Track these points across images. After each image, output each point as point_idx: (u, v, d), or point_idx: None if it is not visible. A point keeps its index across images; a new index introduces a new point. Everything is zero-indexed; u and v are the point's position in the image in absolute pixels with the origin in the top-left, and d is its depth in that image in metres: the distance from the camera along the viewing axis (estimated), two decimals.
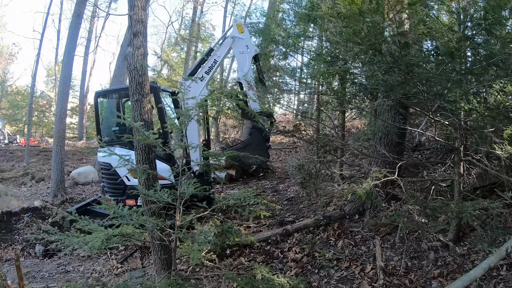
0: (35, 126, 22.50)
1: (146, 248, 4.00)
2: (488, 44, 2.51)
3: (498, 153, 2.93)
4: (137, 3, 2.93)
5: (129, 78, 2.97)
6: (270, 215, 5.09)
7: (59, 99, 7.38)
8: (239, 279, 2.36)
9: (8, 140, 16.30)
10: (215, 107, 6.31)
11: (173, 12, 51.94)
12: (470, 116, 2.93)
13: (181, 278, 2.31)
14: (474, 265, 2.64)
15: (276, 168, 8.94)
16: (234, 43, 5.25)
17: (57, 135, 7.07)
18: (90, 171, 8.54)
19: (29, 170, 9.26)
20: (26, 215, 5.58)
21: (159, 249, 2.89)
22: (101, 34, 21.52)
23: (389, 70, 2.65)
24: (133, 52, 2.91)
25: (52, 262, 4.03)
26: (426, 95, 2.65)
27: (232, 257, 3.66)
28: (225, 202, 2.43)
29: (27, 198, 7.00)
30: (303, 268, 3.21)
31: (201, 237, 2.21)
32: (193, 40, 16.83)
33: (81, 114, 18.79)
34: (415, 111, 4.41)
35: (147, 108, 2.95)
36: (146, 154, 2.92)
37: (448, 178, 3.58)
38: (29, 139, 11.74)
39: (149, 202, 2.77)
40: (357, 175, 5.82)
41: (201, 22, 19.15)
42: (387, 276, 2.83)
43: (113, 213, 2.21)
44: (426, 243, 3.17)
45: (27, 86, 25.14)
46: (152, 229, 2.35)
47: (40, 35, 14.77)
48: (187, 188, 2.42)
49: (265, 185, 7.39)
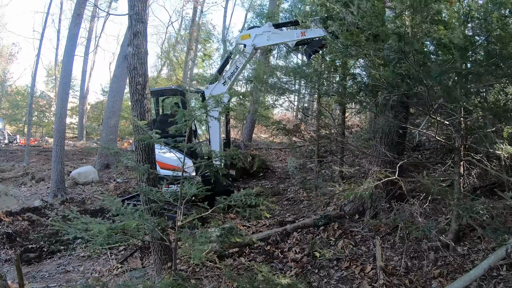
0: (35, 126, 22.48)
1: (146, 248, 4.00)
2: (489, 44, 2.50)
3: (498, 153, 2.93)
4: (137, 3, 2.93)
5: (129, 78, 2.97)
6: (270, 215, 5.10)
7: (59, 99, 7.37)
8: (239, 279, 2.36)
9: (8, 140, 16.28)
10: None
11: (173, 12, 51.88)
12: (470, 116, 2.93)
13: (181, 278, 2.31)
14: (474, 265, 2.64)
15: (276, 168, 8.94)
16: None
17: (57, 135, 7.07)
18: (90, 171, 8.53)
19: (29, 170, 9.26)
20: (25, 215, 5.58)
21: (159, 249, 2.89)
22: (101, 34, 21.52)
23: (401, 60, 2.63)
24: (133, 52, 2.91)
25: (52, 262, 4.03)
26: (428, 94, 2.65)
27: (232, 257, 3.66)
28: (227, 203, 2.44)
29: (27, 198, 7.00)
30: (303, 268, 3.21)
31: (202, 237, 2.21)
32: (193, 40, 16.82)
33: (81, 114, 18.77)
34: (415, 111, 4.41)
35: (147, 108, 2.96)
36: (147, 154, 2.92)
37: (448, 178, 3.58)
38: (29, 139, 11.72)
39: (149, 202, 2.77)
40: (357, 175, 5.82)
41: (201, 22, 19.15)
42: (387, 276, 2.83)
43: (114, 210, 2.21)
44: (426, 243, 3.17)
45: (27, 86, 25.12)
46: (152, 228, 2.35)
47: (40, 35, 14.76)
48: (189, 188, 2.42)
49: (265, 185, 7.39)
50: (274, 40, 5.34)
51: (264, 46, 5.56)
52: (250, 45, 5.37)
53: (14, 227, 5.05)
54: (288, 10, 7.52)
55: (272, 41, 5.36)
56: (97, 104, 22.96)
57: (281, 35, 5.30)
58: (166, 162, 5.07)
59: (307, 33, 4.87)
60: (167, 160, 5.05)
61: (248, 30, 5.63)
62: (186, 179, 2.51)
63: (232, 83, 5.59)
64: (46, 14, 14.63)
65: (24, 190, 7.65)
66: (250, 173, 8.26)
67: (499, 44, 2.32)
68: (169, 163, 5.02)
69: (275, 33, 5.29)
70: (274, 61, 8.86)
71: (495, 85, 2.72)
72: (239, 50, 5.60)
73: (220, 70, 5.73)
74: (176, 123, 2.36)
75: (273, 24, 5.33)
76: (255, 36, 5.37)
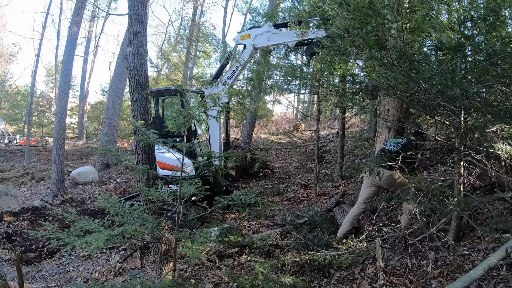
0: (35, 126, 22.49)
1: (146, 248, 4.00)
2: (488, 44, 2.51)
3: (498, 153, 2.93)
4: (137, 3, 2.93)
5: (129, 78, 2.97)
6: (271, 215, 5.11)
7: (59, 99, 7.37)
8: (239, 279, 2.36)
9: (8, 140, 16.28)
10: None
11: (173, 12, 51.96)
12: (470, 115, 2.93)
13: (181, 278, 2.31)
14: (474, 265, 2.64)
15: (276, 168, 8.94)
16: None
17: (57, 134, 7.07)
18: (90, 171, 8.54)
19: (29, 170, 9.26)
20: (25, 215, 5.59)
21: (159, 249, 2.89)
22: (101, 34, 21.54)
23: (392, 66, 2.64)
24: (133, 52, 2.90)
25: (52, 262, 4.03)
26: (427, 95, 2.65)
27: (232, 257, 3.66)
28: (226, 202, 2.43)
29: (27, 198, 7.00)
30: (303, 267, 3.20)
31: (201, 237, 2.21)
32: (193, 40, 16.82)
33: (81, 114, 18.77)
34: (415, 111, 4.42)
35: (147, 108, 2.95)
36: (146, 154, 2.92)
37: (448, 178, 3.58)
38: (29, 139, 11.72)
39: (149, 202, 2.77)
40: (357, 175, 5.81)
41: (201, 21, 19.16)
42: (387, 276, 2.83)
43: (113, 211, 2.20)
44: (426, 243, 3.17)
45: (27, 86, 25.15)
46: (152, 228, 2.35)
47: (40, 35, 14.79)
48: (188, 188, 2.42)
49: (265, 185, 7.39)
50: (274, 40, 5.34)
51: (264, 46, 5.57)
52: (250, 45, 5.38)
53: (14, 227, 5.06)
54: (286, 9, 7.53)
55: (272, 42, 5.36)
56: (97, 104, 22.97)
57: (281, 36, 5.30)
58: (165, 162, 5.08)
59: (308, 34, 4.87)
60: (167, 160, 5.06)
61: (248, 30, 5.63)
62: (185, 179, 2.51)
63: (232, 83, 5.60)
64: (46, 14, 14.65)
65: (24, 190, 7.65)
66: (250, 173, 8.27)
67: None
68: (169, 163, 5.04)
69: (275, 33, 5.29)
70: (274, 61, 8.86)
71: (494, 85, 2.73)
72: (239, 50, 5.61)
73: (220, 70, 5.74)
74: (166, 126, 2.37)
75: (273, 24, 5.33)
76: (255, 36, 5.37)
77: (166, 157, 5.06)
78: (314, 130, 6.81)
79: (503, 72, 2.46)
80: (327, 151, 9.45)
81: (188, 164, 4.16)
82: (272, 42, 5.39)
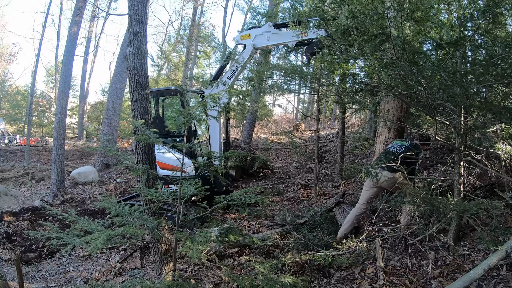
0: (35, 126, 22.52)
1: (146, 248, 4.00)
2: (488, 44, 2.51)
3: (498, 153, 2.93)
4: (137, 3, 2.92)
5: (129, 78, 2.96)
6: (271, 215, 5.11)
7: (59, 99, 7.38)
8: (239, 279, 2.36)
9: (8, 140, 16.28)
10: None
11: (173, 12, 51.99)
12: (470, 115, 2.93)
13: (181, 278, 2.31)
14: (474, 265, 2.64)
15: (276, 168, 8.94)
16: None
17: (57, 134, 7.07)
18: (90, 171, 8.54)
19: (29, 170, 9.26)
20: (25, 215, 5.58)
21: (159, 249, 2.89)
22: (101, 34, 21.55)
23: (394, 61, 2.64)
24: (133, 52, 2.90)
25: (52, 262, 4.03)
26: (427, 94, 2.65)
27: (232, 257, 3.66)
28: (226, 202, 2.43)
29: (27, 198, 7.00)
30: (303, 267, 3.20)
31: (201, 237, 2.21)
32: (193, 40, 16.83)
33: (81, 114, 18.79)
34: (415, 111, 4.42)
35: (147, 108, 2.95)
36: (146, 154, 2.92)
37: (448, 178, 3.58)
38: (29, 139, 11.72)
39: (149, 202, 2.77)
40: (357, 175, 5.80)
41: (201, 22, 19.16)
42: (387, 276, 2.83)
43: (114, 212, 2.20)
44: (426, 243, 3.17)
45: (27, 86, 25.18)
46: (152, 229, 2.35)
47: (40, 35, 14.79)
48: (188, 188, 2.42)
49: (265, 185, 7.39)
50: (274, 40, 5.34)
51: (264, 46, 5.57)
52: (250, 45, 5.37)
53: (14, 227, 5.06)
54: (286, 9, 7.53)
55: (272, 42, 5.36)
56: (97, 104, 22.99)
57: (282, 36, 5.30)
58: (165, 162, 5.09)
59: (308, 34, 4.87)
60: (167, 160, 5.06)
61: (248, 30, 5.63)
62: (185, 179, 2.51)
63: (232, 83, 5.60)
64: (46, 14, 14.65)
65: (24, 190, 7.65)
66: (250, 173, 8.27)
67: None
68: (169, 163, 5.04)
69: (275, 33, 5.28)
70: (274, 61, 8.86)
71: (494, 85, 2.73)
72: (239, 50, 5.61)
73: (220, 70, 5.74)
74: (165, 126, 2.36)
75: (273, 24, 5.33)
76: (255, 36, 5.37)
77: (166, 157, 5.06)
78: (314, 130, 6.81)
79: (503, 72, 2.46)
80: (327, 151, 9.45)
81: (188, 164, 4.18)
82: (272, 42, 5.39)
